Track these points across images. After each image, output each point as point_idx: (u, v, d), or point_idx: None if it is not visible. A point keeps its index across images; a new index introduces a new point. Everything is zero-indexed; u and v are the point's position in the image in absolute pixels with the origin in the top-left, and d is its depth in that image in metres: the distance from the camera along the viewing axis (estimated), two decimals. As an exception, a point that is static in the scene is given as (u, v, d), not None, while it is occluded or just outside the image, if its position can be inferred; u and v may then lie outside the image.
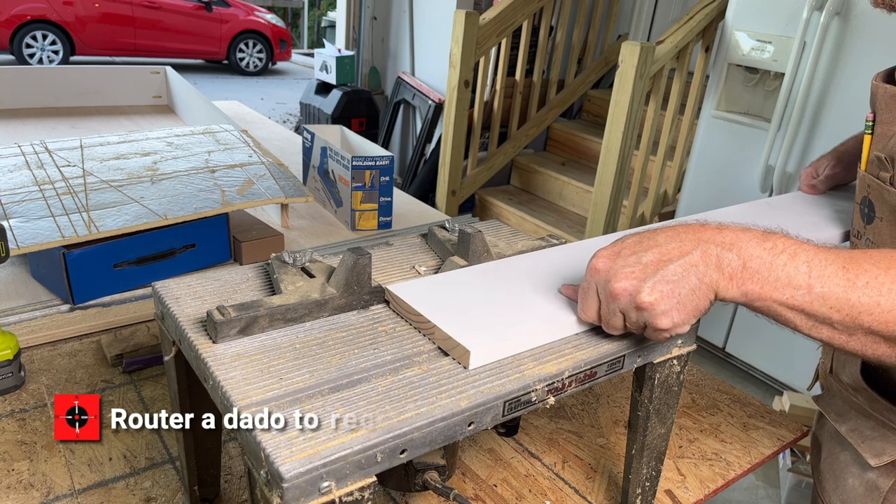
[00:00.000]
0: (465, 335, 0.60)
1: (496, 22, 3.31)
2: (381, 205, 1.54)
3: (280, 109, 7.56)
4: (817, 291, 0.53)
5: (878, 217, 0.75)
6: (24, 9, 8.09)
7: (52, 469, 0.82)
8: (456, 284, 0.71)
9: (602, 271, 0.59)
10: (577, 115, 4.47)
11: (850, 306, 0.53)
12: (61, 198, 1.22)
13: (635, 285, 0.56)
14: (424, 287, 0.70)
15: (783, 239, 0.55)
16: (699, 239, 0.56)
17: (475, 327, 0.61)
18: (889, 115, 0.73)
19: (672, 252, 0.56)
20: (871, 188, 0.75)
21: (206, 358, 0.58)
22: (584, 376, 0.62)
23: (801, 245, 0.55)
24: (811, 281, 0.53)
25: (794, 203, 1.01)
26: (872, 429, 0.76)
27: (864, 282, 0.53)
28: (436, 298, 0.67)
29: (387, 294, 0.69)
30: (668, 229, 0.59)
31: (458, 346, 0.59)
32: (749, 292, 0.55)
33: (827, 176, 1.03)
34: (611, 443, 0.96)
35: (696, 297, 0.56)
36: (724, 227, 0.57)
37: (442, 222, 0.87)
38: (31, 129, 2.12)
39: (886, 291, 0.52)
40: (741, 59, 2.66)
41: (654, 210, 3.13)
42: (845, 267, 0.53)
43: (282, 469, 0.45)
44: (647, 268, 0.56)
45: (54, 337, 1.09)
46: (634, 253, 0.58)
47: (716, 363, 2.95)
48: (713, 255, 0.55)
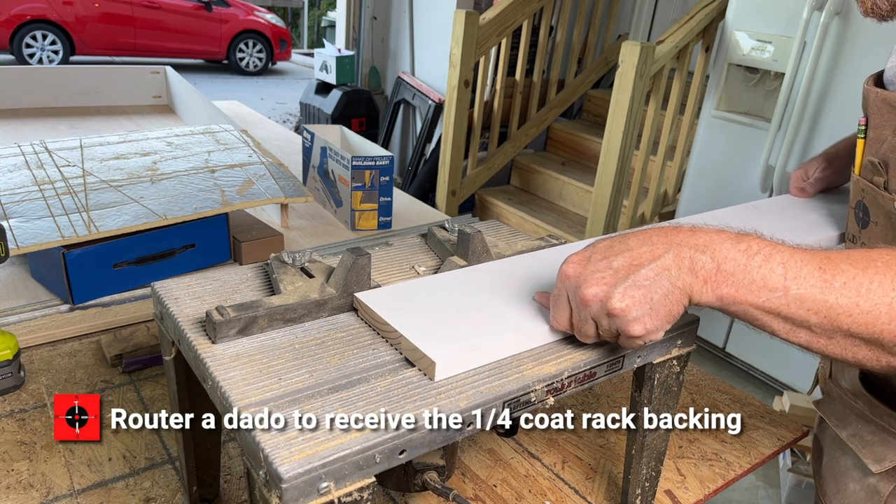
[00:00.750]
0: (432, 346, 0.58)
1: (496, 22, 3.31)
2: (381, 205, 1.54)
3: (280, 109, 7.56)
4: (794, 293, 0.52)
5: (873, 221, 0.74)
6: (23, 9, 8.09)
7: (51, 469, 0.82)
8: (427, 292, 0.69)
9: (572, 277, 0.57)
10: (577, 115, 4.46)
11: (828, 308, 0.51)
12: (61, 198, 1.22)
13: (606, 291, 0.54)
14: (394, 295, 0.68)
15: (757, 240, 0.54)
16: (671, 242, 0.55)
17: (443, 338, 0.59)
18: (881, 119, 0.72)
19: (643, 256, 0.54)
20: (866, 192, 0.75)
21: (205, 358, 0.58)
22: (584, 376, 0.62)
23: (775, 246, 0.53)
24: (787, 283, 0.52)
25: (782, 207, 0.99)
26: (873, 433, 0.75)
27: (842, 282, 0.51)
28: (405, 306, 0.65)
29: (355, 302, 0.67)
30: (639, 232, 0.57)
31: (424, 357, 0.57)
32: (724, 296, 0.53)
33: (817, 179, 1.01)
34: (610, 443, 0.96)
35: (669, 303, 0.54)
36: (698, 229, 0.56)
37: (441, 222, 0.87)
38: (31, 129, 2.12)
39: (865, 292, 0.51)
40: (741, 59, 2.66)
41: (654, 210, 3.13)
42: (822, 268, 0.52)
43: (280, 469, 0.45)
44: (618, 273, 0.54)
45: (54, 337, 1.09)
46: (605, 258, 0.56)
47: (716, 363, 2.95)
48: (686, 258, 0.54)
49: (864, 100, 0.76)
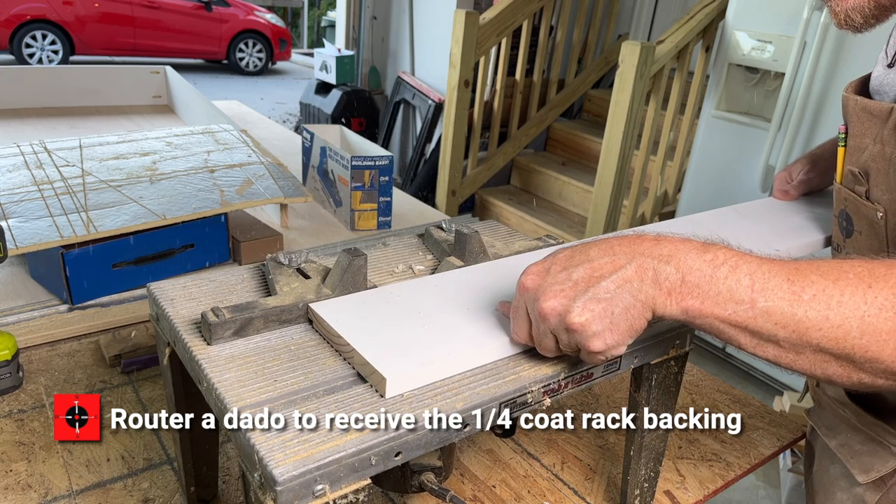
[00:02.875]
0: (383, 361, 0.55)
1: (496, 22, 3.31)
2: (381, 205, 1.54)
3: (280, 109, 7.56)
4: (761, 306, 0.49)
5: (857, 230, 0.73)
6: (23, 8, 8.09)
7: (49, 470, 0.81)
8: (386, 303, 0.65)
9: (530, 289, 0.55)
10: (577, 115, 4.46)
11: (796, 322, 0.49)
12: (60, 198, 1.22)
13: (565, 304, 0.52)
14: (353, 304, 0.65)
15: (724, 250, 0.51)
16: (634, 252, 0.52)
17: (397, 352, 0.56)
18: (860, 128, 0.71)
19: (604, 267, 0.52)
20: (848, 202, 0.73)
21: (200, 360, 0.58)
22: (581, 377, 0.61)
23: (742, 256, 0.51)
24: (754, 295, 0.49)
25: (764, 210, 0.97)
26: (862, 443, 0.74)
27: (811, 294, 0.49)
28: (362, 318, 0.62)
29: (309, 313, 0.64)
30: (601, 242, 0.55)
31: (375, 373, 0.54)
32: (689, 308, 0.51)
33: (800, 181, 0.99)
34: (610, 443, 0.96)
35: (631, 316, 0.51)
36: (662, 238, 0.53)
37: (439, 223, 0.86)
38: (31, 129, 2.12)
39: (836, 305, 0.48)
40: (741, 59, 2.65)
41: (654, 210, 3.13)
42: (790, 279, 0.49)
43: (275, 472, 0.45)
44: (578, 285, 0.52)
45: (53, 337, 1.08)
46: (565, 269, 0.53)
47: (716, 363, 2.95)
48: (649, 269, 0.51)
49: (844, 108, 0.74)
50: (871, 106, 0.69)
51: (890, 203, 0.67)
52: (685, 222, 0.90)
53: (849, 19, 0.66)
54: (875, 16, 0.65)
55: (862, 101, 0.70)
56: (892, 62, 0.70)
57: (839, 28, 0.68)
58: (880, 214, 0.68)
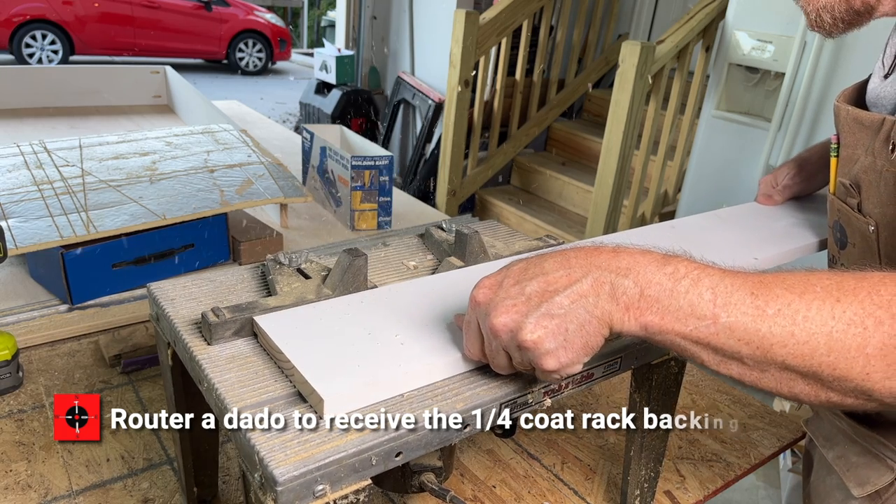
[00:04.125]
0: (325, 380, 0.51)
1: (496, 22, 3.31)
2: (381, 204, 1.54)
3: (280, 109, 7.55)
4: (723, 322, 0.47)
5: (851, 243, 0.71)
6: (23, 8, 8.08)
7: (49, 470, 0.81)
8: (338, 317, 0.62)
9: (482, 304, 0.52)
10: (577, 115, 4.46)
11: (760, 338, 0.46)
12: (60, 198, 1.22)
13: (517, 321, 0.49)
14: (301, 318, 0.61)
15: (685, 262, 0.49)
16: (591, 265, 0.50)
17: (341, 370, 0.53)
18: (852, 139, 0.69)
19: (559, 281, 0.49)
20: (841, 213, 0.72)
21: (200, 360, 0.57)
22: (581, 378, 0.61)
23: (704, 269, 0.48)
24: (716, 310, 0.47)
25: (747, 215, 0.95)
26: (858, 455, 0.72)
27: (776, 309, 0.46)
28: (309, 332, 0.59)
29: (254, 327, 0.61)
30: (557, 254, 0.52)
31: (314, 394, 0.51)
32: (648, 324, 0.48)
33: (785, 186, 0.97)
34: (610, 444, 0.96)
35: (586, 333, 0.49)
36: (621, 249, 0.51)
37: (439, 222, 0.86)
38: (31, 129, 2.12)
39: (801, 320, 0.45)
40: (742, 59, 2.65)
41: (654, 210, 3.13)
42: (754, 293, 0.47)
43: (276, 472, 0.45)
44: (531, 300, 0.49)
45: (52, 337, 1.08)
46: (518, 283, 0.51)
47: (716, 363, 2.94)
48: (606, 283, 0.49)
49: (836, 117, 0.72)
50: (862, 116, 0.67)
51: (881, 217, 0.65)
52: (667, 227, 0.89)
53: (819, 19, 0.64)
54: (846, 20, 0.64)
55: (854, 111, 0.68)
56: (889, 72, 0.69)
57: (811, 29, 0.66)
58: (872, 228, 0.66)
